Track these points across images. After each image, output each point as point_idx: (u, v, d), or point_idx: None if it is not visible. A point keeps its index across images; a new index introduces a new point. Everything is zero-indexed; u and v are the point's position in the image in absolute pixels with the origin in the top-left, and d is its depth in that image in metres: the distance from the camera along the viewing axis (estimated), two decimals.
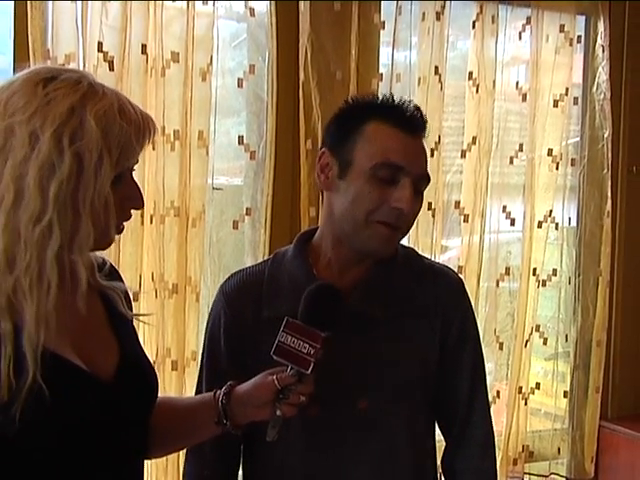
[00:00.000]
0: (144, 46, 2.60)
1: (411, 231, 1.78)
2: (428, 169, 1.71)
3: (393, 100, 1.71)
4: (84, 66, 2.52)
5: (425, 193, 1.72)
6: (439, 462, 1.85)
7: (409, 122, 1.68)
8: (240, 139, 2.85)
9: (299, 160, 2.90)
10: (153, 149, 2.60)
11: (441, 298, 1.76)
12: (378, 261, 1.72)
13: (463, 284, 1.84)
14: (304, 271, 1.72)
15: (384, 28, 3.02)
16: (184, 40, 2.67)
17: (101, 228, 1.31)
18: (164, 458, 2.59)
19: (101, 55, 2.53)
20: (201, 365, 1.82)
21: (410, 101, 1.72)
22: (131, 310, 1.56)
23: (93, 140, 1.26)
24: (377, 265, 1.72)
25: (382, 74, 3.01)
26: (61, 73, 1.31)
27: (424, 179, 1.68)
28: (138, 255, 2.62)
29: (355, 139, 1.66)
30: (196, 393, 1.80)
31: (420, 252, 1.91)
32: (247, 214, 2.86)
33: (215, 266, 2.82)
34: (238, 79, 2.83)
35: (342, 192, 1.67)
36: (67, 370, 1.32)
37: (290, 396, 1.50)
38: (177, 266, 2.69)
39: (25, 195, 1.24)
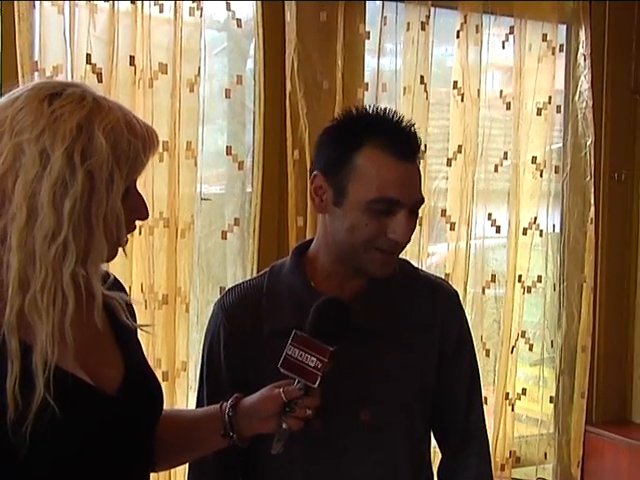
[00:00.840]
0: (132, 57, 2.61)
1: None
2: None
3: (386, 120, 1.66)
4: (72, 78, 2.52)
5: None
6: (435, 471, 1.86)
7: (404, 147, 1.63)
8: (228, 149, 2.86)
9: (286, 170, 2.91)
10: None
11: (438, 311, 1.76)
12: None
13: (459, 296, 1.86)
14: (303, 284, 1.71)
15: (369, 38, 3.04)
16: (172, 51, 2.68)
17: (113, 242, 1.32)
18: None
19: (89, 67, 2.54)
20: (200, 381, 1.80)
21: (403, 120, 1.67)
22: (135, 321, 1.55)
23: (104, 156, 1.26)
24: (375, 279, 1.71)
25: (367, 84, 3.03)
26: (65, 88, 1.30)
27: (419, 202, 1.67)
28: (127, 266, 2.61)
29: (348, 169, 1.62)
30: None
31: (406, 259, 1.91)
32: (235, 224, 2.87)
33: (204, 276, 2.83)
34: (225, 89, 2.84)
35: (338, 218, 1.66)
36: (72, 384, 1.31)
37: (296, 409, 1.49)
38: (167, 277, 2.69)
39: (39, 214, 1.24)
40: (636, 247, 3.58)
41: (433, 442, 1.85)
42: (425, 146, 3.04)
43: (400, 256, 1.85)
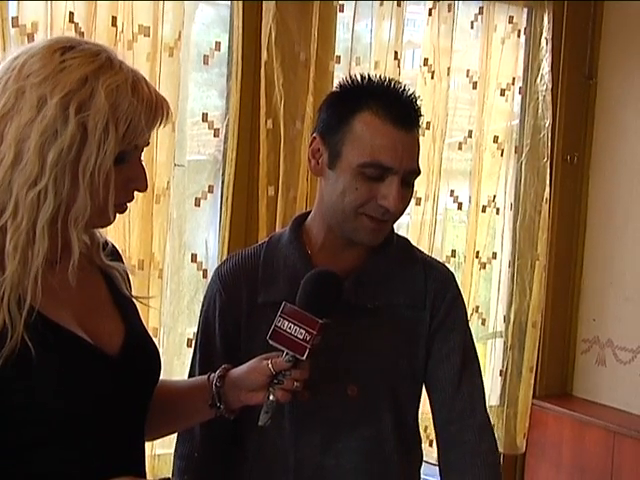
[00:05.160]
0: (114, 18, 2.56)
1: None
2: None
3: (387, 88, 1.66)
4: (51, 34, 2.46)
5: None
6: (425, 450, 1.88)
7: (402, 115, 1.62)
8: (204, 116, 2.84)
9: (259, 139, 2.90)
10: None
11: (430, 290, 1.75)
12: (372, 249, 1.72)
13: (453, 277, 1.83)
14: (300, 257, 1.71)
15: (343, 11, 3.05)
16: (152, 14, 2.63)
17: (99, 203, 1.30)
18: None
19: (71, 25, 2.48)
20: (195, 348, 1.80)
21: (406, 90, 1.67)
22: (130, 290, 1.55)
23: (100, 112, 1.26)
24: (371, 254, 1.72)
25: (340, 56, 3.04)
26: (81, 44, 1.31)
27: (413, 173, 1.66)
28: (102, 231, 2.57)
29: (344, 131, 1.63)
30: (189, 376, 1.78)
31: (406, 237, 1.92)
32: (209, 191, 2.85)
33: (176, 243, 2.81)
34: (204, 56, 2.81)
35: (331, 182, 1.66)
36: (71, 342, 1.32)
37: (284, 381, 1.48)
38: (141, 242, 2.66)
39: (24, 158, 1.25)
40: (584, 228, 3.70)
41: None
42: None
43: (404, 238, 1.86)
